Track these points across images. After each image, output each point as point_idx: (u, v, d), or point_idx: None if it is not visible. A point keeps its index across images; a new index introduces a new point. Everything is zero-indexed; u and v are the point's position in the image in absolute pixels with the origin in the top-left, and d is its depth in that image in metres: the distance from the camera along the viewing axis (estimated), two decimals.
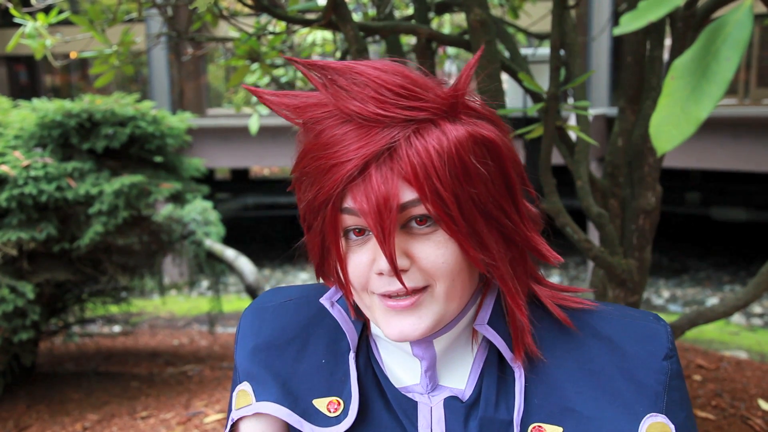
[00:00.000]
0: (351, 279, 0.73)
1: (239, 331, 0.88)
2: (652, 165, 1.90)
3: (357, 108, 0.67)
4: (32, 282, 3.09)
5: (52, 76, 11.37)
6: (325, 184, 0.68)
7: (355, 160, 0.67)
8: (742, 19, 0.44)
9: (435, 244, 0.70)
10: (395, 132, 0.67)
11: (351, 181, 0.67)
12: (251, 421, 0.84)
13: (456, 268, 0.71)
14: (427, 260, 0.70)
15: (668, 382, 0.75)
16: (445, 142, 0.67)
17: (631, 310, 0.82)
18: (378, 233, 0.67)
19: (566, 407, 0.74)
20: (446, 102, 0.69)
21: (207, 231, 4.02)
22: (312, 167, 0.70)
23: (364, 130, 0.67)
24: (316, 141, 0.70)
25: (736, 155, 6.63)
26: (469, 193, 0.68)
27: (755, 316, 6.05)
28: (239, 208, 13.89)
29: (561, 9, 1.61)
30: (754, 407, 2.71)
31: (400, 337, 0.72)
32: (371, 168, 0.67)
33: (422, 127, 0.68)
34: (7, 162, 3.05)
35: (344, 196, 0.69)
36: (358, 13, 2.88)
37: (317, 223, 0.72)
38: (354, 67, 0.69)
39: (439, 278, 0.71)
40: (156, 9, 2.21)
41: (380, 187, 0.66)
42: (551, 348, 0.77)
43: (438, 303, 0.72)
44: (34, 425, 3.14)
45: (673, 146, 0.44)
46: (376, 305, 0.74)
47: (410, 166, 0.66)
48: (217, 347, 4.93)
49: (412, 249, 0.70)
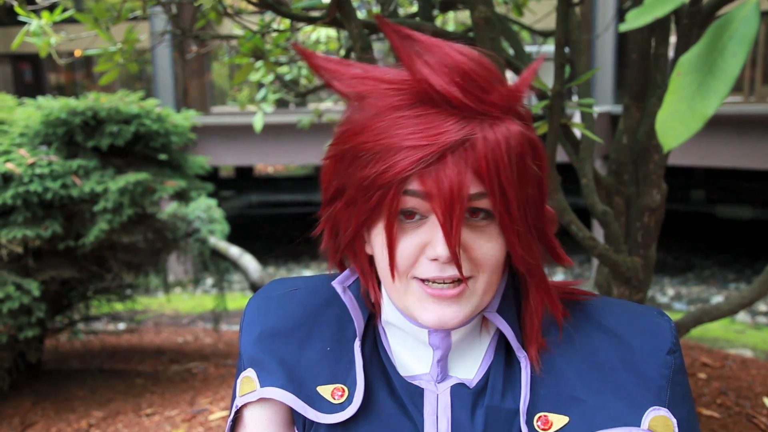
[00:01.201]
0: (398, 262, 0.72)
1: (244, 319, 0.88)
2: (657, 162, 1.90)
3: (443, 89, 0.66)
4: (38, 279, 3.10)
5: (57, 74, 11.39)
6: (397, 164, 0.67)
7: (433, 147, 0.66)
8: (749, 16, 0.44)
9: (488, 237, 0.71)
10: (473, 124, 0.67)
11: (426, 166, 0.67)
12: (256, 407, 0.84)
13: (499, 263, 0.73)
14: (479, 251, 0.71)
15: (671, 376, 0.75)
16: (512, 140, 0.68)
17: (635, 305, 0.83)
18: (446, 221, 0.67)
19: (572, 397, 0.75)
20: (510, 101, 0.70)
21: (211, 229, 4.03)
22: (378, 144, 0.68)
23: (442, 117, 0.67)
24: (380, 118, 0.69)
25: (741, 153, 6.61)
26: (525, 192, 0.70)
27: (761, 314, 6.04)
28: (243, 206, 13.91)
29: (565, 6, 1.61)
30: (759, 405, 2.71)
31: (439, 324, 0.73)
32: (447, 155, 0.67)
33: (495, 122, 0.68)
34: (12, 160, 3.06)
35: (411, 179, 0.68)
36: (362, 10, 2.88)
37: (368, 201, 0.71)
38: (440, 47, 0.68)
39: (484, 270, 0.72)
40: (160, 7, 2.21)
41: (454, 177, 0.66)
42: (556, 340, 0.78)
43: (477, 295, 0.73)
44: (40, 422, 3.15)
45: (680, 143, 0.44)
46: (413, 291, 0.73)
47: (484, 159, 0.67)
48: (222, 345, 4.94)
49: (466, 240, 0.71)
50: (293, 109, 8.87)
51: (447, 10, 2.52)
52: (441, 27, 2.18)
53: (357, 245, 0.78)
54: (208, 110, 9.34)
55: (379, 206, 0.70)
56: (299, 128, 3.96)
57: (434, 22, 2.24)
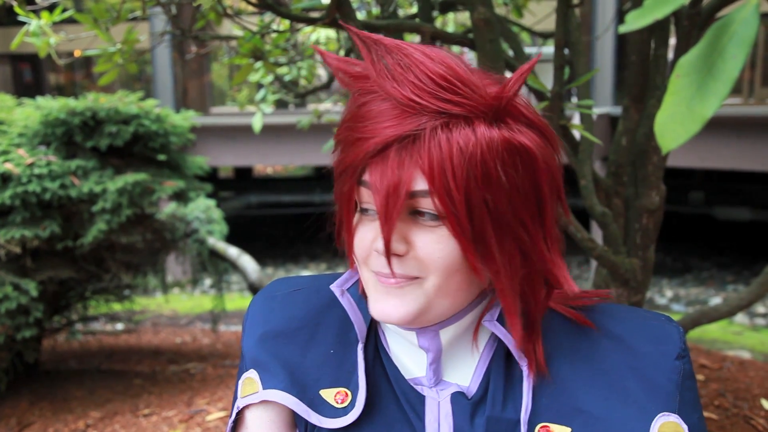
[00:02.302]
0: (355, 251, 0.74)
1: (247, 319, 0.87)
2: (655, 164, 1.90)
3: (392, 89, 0.67)
4: (36, 280, 3.09)
5: (56, 75, 11.39)
6: (349, 154, 0.69)
7: (378, 138, 0.67)
8: (749, 17, 0.44)
9: (437, 238, 0.69)
10: (423, 120, 0.66)
11: (371, 157, 0.67)
12: (257, 409, 0.83)
13: (452, 267, 0.70)
14: (423, 250, 0.69)
15: (681, 382, 0.74)
16: (471, 141, 0.66)
17: (642, 311, 0.81)
18: (381, 214, 0.67)
19: (575, 407, 0.73)
20: (488, 103, 0.67)
21: (210, 229, 4.03)
22: (344, 136, 0.71)
23: (397, 112, 0.67)
24: (356, 112, 0.70)
25: (740, 154, 6.61)
26: (484, 197, 0.67)
27: (759, 316, 6.04)
28: (242, 207, 13.91)
29: (565, 8, 1.61)
30: (757, 407, 2.71)
31: (381, 317, 0.73)
32: (391, 149, 0.66)
33: (453, 122, 0.66)
34: (11, 160, 3.06)
35: (364, 170, 0.69)
36: (362, 11, 2.88)
37: (337, 191, 0.74)
38: (404, 48, 0.69)
39: (432, 272, 0.70)
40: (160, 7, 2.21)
41: (394, 171, 0.66)
42: (560, 347, 0.77)
43: (426, 295, 0.71)
44: (37, 422, 3.15)
45: (678, 144, 0.44)
46: (370, 281, 0.74)
47: (428, 157, 0.65)
48: (220, 345, 4.93)
49: (412, 236, 0.70)
50: (292, 109, 8.87)
51: (447, 11, 2.52)
52: (441, 28, 2.18)
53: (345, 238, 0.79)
54: (208, 111, 9.34)
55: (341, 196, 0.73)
56: (298, 129, 3.96)
57: (434, 23, 2.24)
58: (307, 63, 3.41)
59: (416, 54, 0.68)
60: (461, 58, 0.71)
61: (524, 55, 2.18)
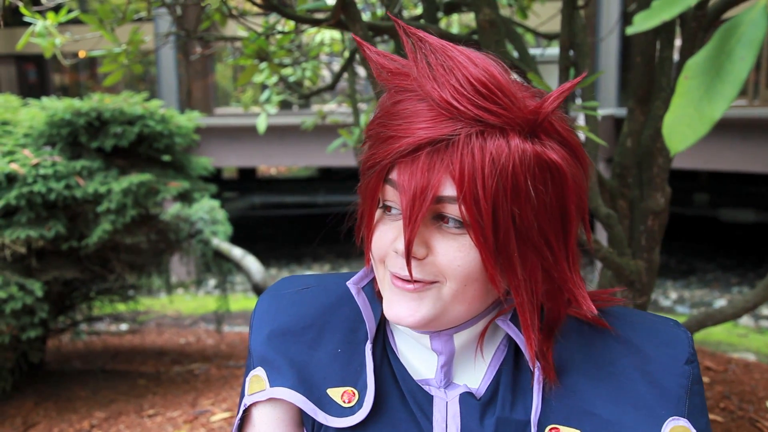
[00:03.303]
0: (372, 248, 0.74)
1: (255, 317, 0.87)
2: (661, 166, 1.89)
3: (432, 90, 0.67)
4: (40, 280, 3.10)
5: (62, 75, 11.42)
6: (379, 151, 0.69)
7: (411, 139, 0.67)
8: (757, 19, 0.44)
9: (458, 246, 0.69)
10: (459, 126, 0.66)
11: (401, 156, 0.67)
12: (265, 407, 0.83)
13: (471, 276, 0.70)
14: (444, 257, 0.69)
15: (690, 386, 0.74)
16: (504, 152, 0.65)
17: (650, 315, 0.81)
18: (405, 215, 0.67)
19: (585, 410, 0.73)
20: (526, 117, 0.67)
21: (214, 230, 4.03)
22: (376, 132, 0.71)
23: (434, 114, 0.67)
24: (391, 109, 0.70)
25: (745, 156, 6.59)
26: (512, 211, 0.66)
27: (764, 318, 6.02)
28: (246, 208, 13.92)
29: (570, 9, 1.60)
30: (762, 410, 2.70)
31: (395, 319, 0.73)
32: (423, 151, 0.66)
33: (488, 131, 0.66)
34: (16, 160, 3.07)
35: (393, 168, 0.69)
36: (366, 12, 2.88)
37: (362, 187, 0.75)
38: (448, 50, 0.68)
39: (450, 278, 0.70)
40: (165, 8, 2.22)
41: (423, 173, 0.66)
42: (571, 350, 0.76)
43: (442, 300, 0.71)
44: (42, 422, 3.15)
45: (687, 146, 0.43)
46: (386, 281, 0.74)
47: (459, 163, 0.65)
48: (224, 346, 4.94)
49: (434, 241, 0.70)
50: (297, 110, 8.88)
51: (451, 12, 2.52)
52: (445, 29, 2.18)
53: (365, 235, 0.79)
54: (212, 111, 9.35)
55: (366, 192, 0.73)
56: (303, 130, 3.96)
57: (439, 24, 2.24)
58: (311, 64, 3.42)
59: (460, 57, 0.67)
60: (504, 65, 0.70)
61: (529, 56, 2.18)
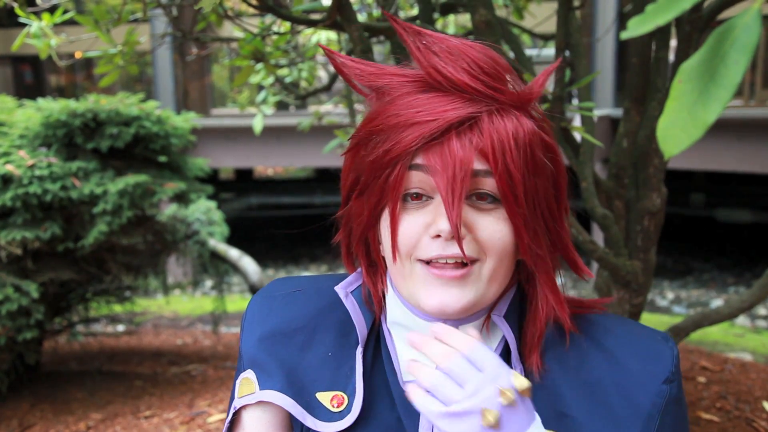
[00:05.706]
0: (399, 242, 0.73)
1: (246, 318, 0.87)
2: (657, 166, 1.89)
3: (450, 74, 0.69)
4: (36, 281, 3.09)
5: (57, 76, 11.39)
6: (403, 139, 0.70)
7: (438, 122, 0.68)
8: (750, 23, 0.44)
9: (494, 220, 0.72)
10: (479, 106, 0.69)
11: (431, 140, 0.68)
12: (254, 409, 0.82)
13: (507, 249, 0.72)
14: (485, 232, 0.71)
15: (664, 406, 0.73)
16: (521, 129, 0.70)
17: (639, 326, 0.80)
18: (447, 195, 0.68)
19: (562, 412, 0.74)
20: (525, 96, 0.72)
21: (211, 231, 4.03)
22: (388, 125, 0.71)
23: (449, 98, 0.69)
24: (393, 103, 0.71)
25: (741, 157, 6.60)
26: (535, 182, 0.71)
27: (760, 318, 6.03)
28: (243, 208, 13.90)
29: (566, 9, 1.61)
30: (758, 409, 2.70)
31: (440, 308, 0.72)
32: (452, 132, 0.68)
33: (503, 109, 0.70)
34: (12, 161, 3.06)
35: (417, 154, 0.70)
36: (362, 13, 2.88)
37: (377, 182, 0.72)
38: (448, 39, 0.72)
39: (491, 253, 0.72)
40: (161, 9, 2.21)
41: (458, 151, 0.68)
42: (553, 353, 0.77)
43: (482, 281, 0.73)
44: (38, 424, 3.14)
45: (681, 150, 0.44)
46: (417, 274, 0.73)
47: (489, 139, 0.68)
48: (221, 347, 4.93)
49: (471, 219, 0.71)
50: (293, 111, 8.87)
51: (447, 13, 2.52)
52: (441, 30, 2.18)
53: (370, 236, 0.78)
54: (208, 112, 9.34)
55: (387, 185, 0.72)
56: (299, 130, 3.96)
57: (435, 25, 2.24)
58: (307, 65, 3.41)
59: (461, 45, 0.71)
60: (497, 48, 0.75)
61: (525, 57, 2.18)
